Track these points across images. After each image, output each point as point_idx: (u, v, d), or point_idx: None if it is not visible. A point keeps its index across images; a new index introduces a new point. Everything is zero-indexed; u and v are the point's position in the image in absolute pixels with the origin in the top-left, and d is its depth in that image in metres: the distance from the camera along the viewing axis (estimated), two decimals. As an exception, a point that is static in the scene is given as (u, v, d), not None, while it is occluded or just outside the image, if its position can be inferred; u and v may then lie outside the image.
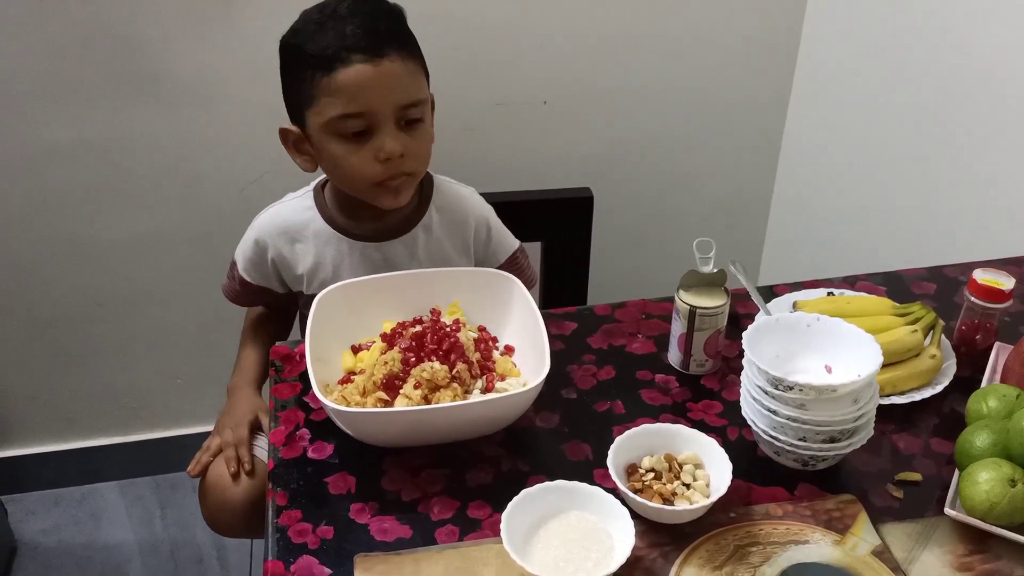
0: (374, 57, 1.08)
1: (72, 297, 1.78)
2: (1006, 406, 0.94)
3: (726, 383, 1.09)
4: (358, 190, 1.17)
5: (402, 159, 1.12)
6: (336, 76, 1.08)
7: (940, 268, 1.31)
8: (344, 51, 1.07)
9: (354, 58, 1.07)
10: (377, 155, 1.11)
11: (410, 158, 1.14)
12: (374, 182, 1.14)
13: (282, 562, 0.85)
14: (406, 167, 1.14)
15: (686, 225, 2.01)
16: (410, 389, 0.96)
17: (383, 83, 1.09)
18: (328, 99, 1.09)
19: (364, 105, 1.09)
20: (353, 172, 1.13)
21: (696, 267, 1.08)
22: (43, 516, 1.91)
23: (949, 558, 0.87)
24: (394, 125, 1.11)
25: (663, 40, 1.81)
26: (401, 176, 1.15)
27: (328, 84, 1.09)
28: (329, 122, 1.11)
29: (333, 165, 1.15)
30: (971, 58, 1.47)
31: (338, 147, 1.12)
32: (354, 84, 1.08)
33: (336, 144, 1.12)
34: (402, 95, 1.11)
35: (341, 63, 1.07)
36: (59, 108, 1.60)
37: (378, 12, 1.12)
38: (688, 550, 0.87)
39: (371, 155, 1.11)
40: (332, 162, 1.15)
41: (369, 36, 1.08)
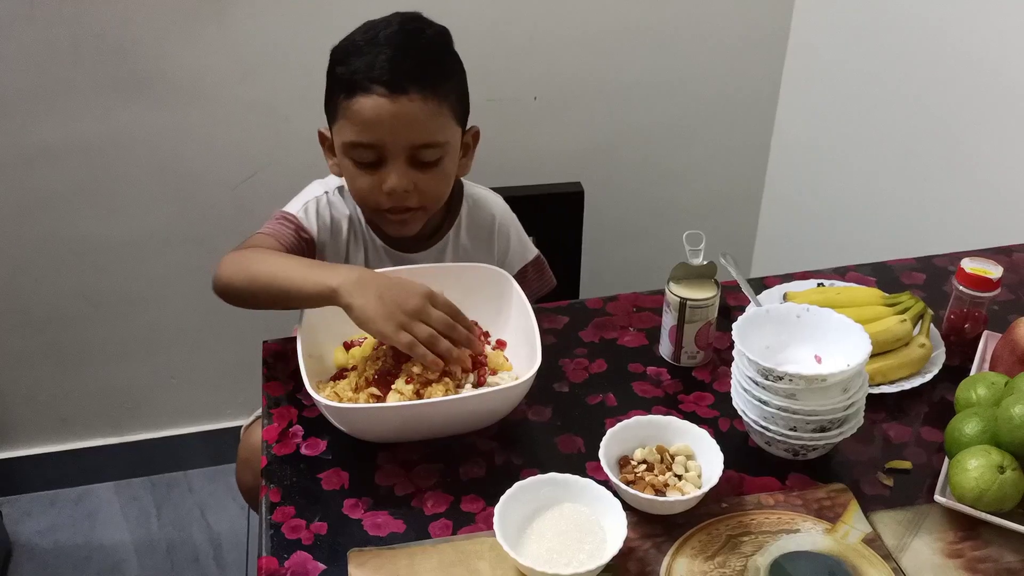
0: (393, 93, 1.07)
1: (66, 298, 1.78)
2: (995, 394, 0.95)
3: (717, 374, 1.10)
4: (365, 210, 1.19)
5: (407, 194, 1.12)
6: (354, 103, 1.09)
7: (929, 258, 1.32)
8: (368, 80, 1.07)
9: (375, 89, 1.07)
10: (382, 187, 1.12)
11: (418, 195, 1.13)
12: (378, 209, 1.15)
13: (276, 558, 0.86)
14: (411, 202, 1.14)
15: (677, 218, 2.01)
16: (402, 384, 0.96)
17: (397, 120, 1.08)
18: (345, 123, 1.11)
19: (375, 138, 1.10)
20: (361, 196, 1.15)
21: (686, 259, 1.09)
22: (39, 517, 1.91)
23: (939, 545, 0.87)
24: (404, 161, 1.11)
25: (653, 35, 1.82)
26: (406, 211, 1.15)
27: (347, 108, 1.10)
28: (342, 145, 1.13)
29: (347, 181, 1.17)
30: (958, 50, 1.47)
31: (351, 169, 1.14)
32: (369, 115, 1.08)
33: (348, 165, 1.14)
34: (416, 135, 1.10)
35: (362, 91, 1.08)
36: (51, 109, 1.59)
37: (413, 46, 1.11)
38: (680, 540, 0.87)
39: (377, 184, 1.12)
40: (347, 179, 1.17)
41: (394, 71, 1.07)
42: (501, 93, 1.79)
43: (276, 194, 1.74)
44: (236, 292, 1.09)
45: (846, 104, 1.77)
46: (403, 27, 1.11)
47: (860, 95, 1.72)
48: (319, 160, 1.73)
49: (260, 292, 1.05)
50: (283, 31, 1.62)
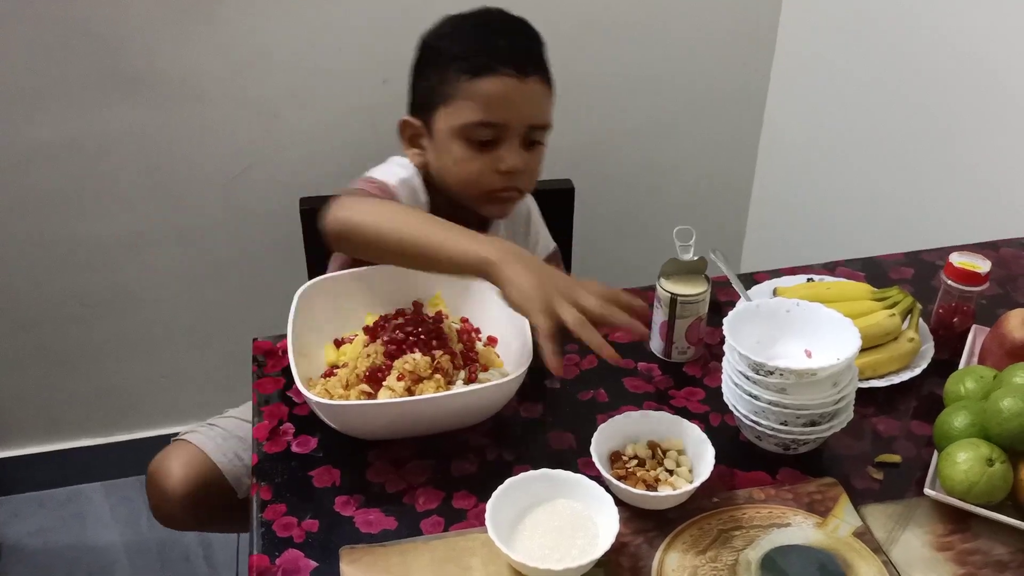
0: (521, 74, 1.11)
1: (56, 297, 1.77)
2: (983, 387, 0.95)
3: (708, 370, 1.10)
4: (469, 195, 1.18)
5: (518, 175, 1.15)
6: (481, 83, 1.10)
7: (917, 253, 1.32)
8: (495, 61, 1.10)
9: (503, 70, 1.10)
10: (497, 166, 1.13)
11: (525, 176, 1.17)
12: (488, 190, 1.16)
13: (267, 556, 0.85)
14: (520, 183, 1.17)
15: (667, 214, 2.02)
16: (393, 381, 0.96)
17: (524, 100, 1.12)
18: (466, 103, 1.11)
19: (501, 117, 1.12)
20: (471, 178, 1.15)
21: (676, 255, 1.09)
22: (29, 518, 1.90)
23: (929, 538, 0.88)
24: (519, 142, 1.14)
25: (642, 31, 1.82)
26: (513, 190, 1.17)
27: (470, 88, 1.11)
28: (462, 126, 1.12)
29: (452, 166, 1.16)
30: (947, 46, 1.48)
31: (462, 151, 1.14)
32: (497, 95, 1.11)
33: (460, 147, 1.14)
34: (536, 116, 1.15)
35: (489, 71, 1.10)
36: (41, 107, 1.58)
37: (529, 35, 1.16)
38: (672, 535, 0.87)
39: (491, 165, 1.14)
40: (451, 163, 1.15)
41: (521, 54, 1.13)
42: (490, 90, 1.78)
43: (267, 191, 1.75)
44: (363, 238, 1.01)
45: (835, 100, 1.77)
46: (509, 16, 1.16)
47: (849, 91, 1.73)
48: (310, 156, 1.74)
49: (396, 245, 0.98)
50: (274, 29, 1.61)
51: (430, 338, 1.01)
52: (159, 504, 1.27)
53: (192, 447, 1.27)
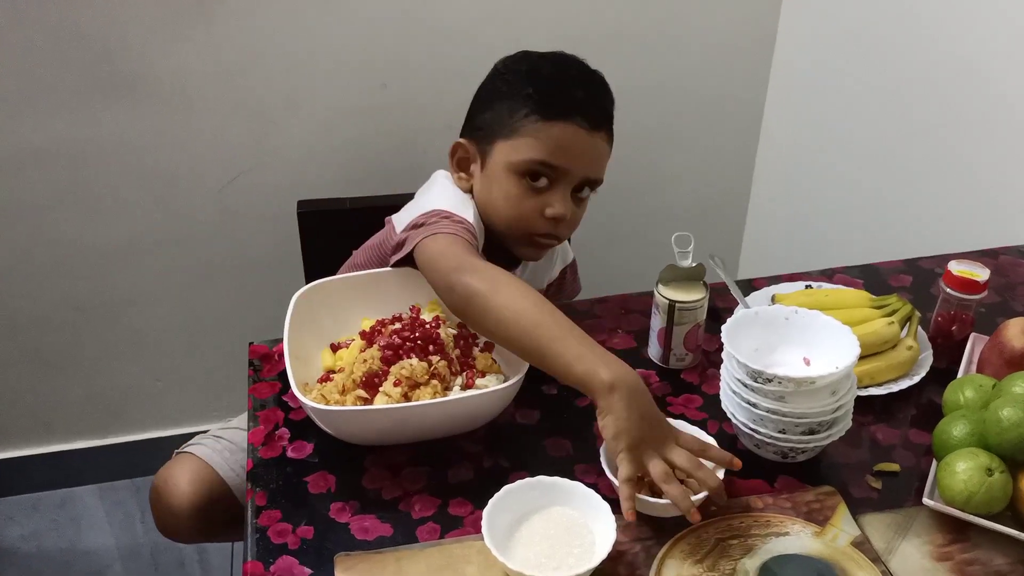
0: (592, 128, 1.13)
1: (50, 301, 1.76)
2: (982, 396, 0.95)
3: (706, 377, 1.10)
4: (510, 232, 1.17)
5: (563, 223, 1.16)
6: (553, 125, 1.11)
7: (916, 260, 1.32)
8: (571, 109, 1.12)
9: (576, 119, 1.12)
10: (545, 211, 1.14)
11: (567, 226, 1.18)
12: (530, 232, 1.16)
13: (261, 563, 0.85)
14: (560, 232, 1.18)
15: (665, 220, 2.01)
16: (390, 387, 0.95)
17: (587, 152, 1.14)
18: (532, 141, 1.12)
19: (563, 162, 1.12)
20: (517, 216, 1.15)
21: (675, 261, 1.08)
22: (22, 521, 1.89)
23: (928, 548, 0.87)
24: (570, 191, 1.15)
25: (641, 38, 1.82)
26: (553, 238, 1.18)
27: (539, 129, 1.11)
28: (520, 162, 1.13)
29: (500, 200, 1.15)
30: (945, 53, 1.48)
31: (514, 187, 1.14)
32: (565, 142, 1.12)
33: (513, 184, 1.14)
34: (593, 170, 1.16)
35: (563, 117, 1.11)
36: (34, 111, 1.58)
37: (605, 92, 1.18)
38: (670, 544, 0.87)
39: (539, 208, 1.14)
40: (501, 198, 1.15)
41: (596, 108, 1.15)
42: (489, 95, 1.78)
43: (263, 195, 1.74)
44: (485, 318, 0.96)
45: (832, 107, 1.77)
46: (588, 68, 1.18)
47: (847, 98, 1.72)
48: (306, 160, 1.74)
49: (517, 338, 0.93)
50: (268, 34, 1.61)
51: (427, 343, 1.00)
52: (165, 518, 1.25)
53: (199, 461, 1.25)
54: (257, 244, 1.79)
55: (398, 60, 1.68)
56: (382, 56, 1.67)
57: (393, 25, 1.65)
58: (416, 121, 1.74)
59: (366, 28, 1.64)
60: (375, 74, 1.68)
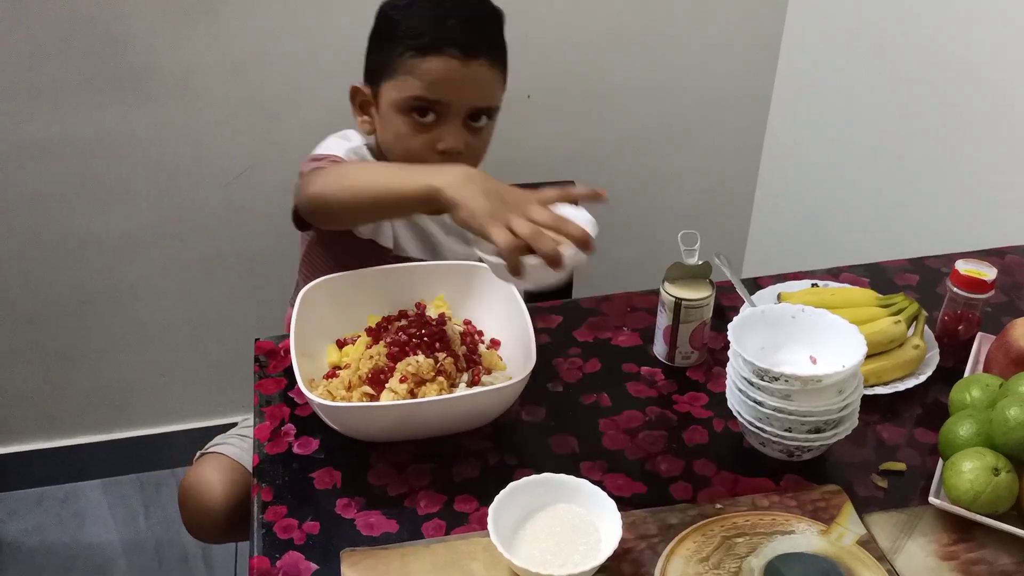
0: (466, 56, 1.11)
1: (56, 295, 1.76)
2: (989, 396, 0.95)
3: (711, 375, 1.10)
4: None
5: (458, 156, 1.15)
6: (425, 61, 1.11)
7: (922, 259, 1.32)
8: (440, 41, 1.10)
9: (447, 51, 1.10)
10: (437, 145, 1.14)
11: (465, 156, 1.16)
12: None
13: (268, 558, 0.85)
14: (459, 163, 1.15)
15: (670, 218, 2.01)
16: (396, 383, 0.96)
17: (466, 82, 1.12)
18: (410, 79, 1.12)
19: (442, 96, 1.12)
20: (410, 153, 1.16)
21: (681, 259, 1.08)
22: (26, 515, 1.89)
23: (934, 547, 0.87)
24: (461, 122, 1.14)
25: (647, 35, 1.82)
26: None
27: (415, 65, 1.11)
28: (403, 100, 1.13)
29: (393, 140, 1.17)
30: (951, 52, 1.47)
31: (403, 125, 1.15)
32: (439, 74, 1.11)
33: (402, 122, 1.14)
34: (479, 99, 1.14)
35: (434, 51, 1.10)
36: (41, 104, 1.58)
37: (482, 13, 1.16)
38: (675, 541, 0.87)
39: (431, 143, 1.14)
40: (393, 137, 1.17)
41: (468, 34, 1.12)
42: (494, 91, 1.78)
43: (266, 192, 1.74)
44: (331, 205, 1.03)
45: (838, 106, 1.77)
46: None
47: (853, 97, 1.72)
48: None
49: (357, 202, 0.99)
50: (274, 29, 1.61)
51: (433, 340, 1.00)
52: (199, 519, 1.23)
53: (229, 460, 1.24)
54: (262, 239, 1.79)
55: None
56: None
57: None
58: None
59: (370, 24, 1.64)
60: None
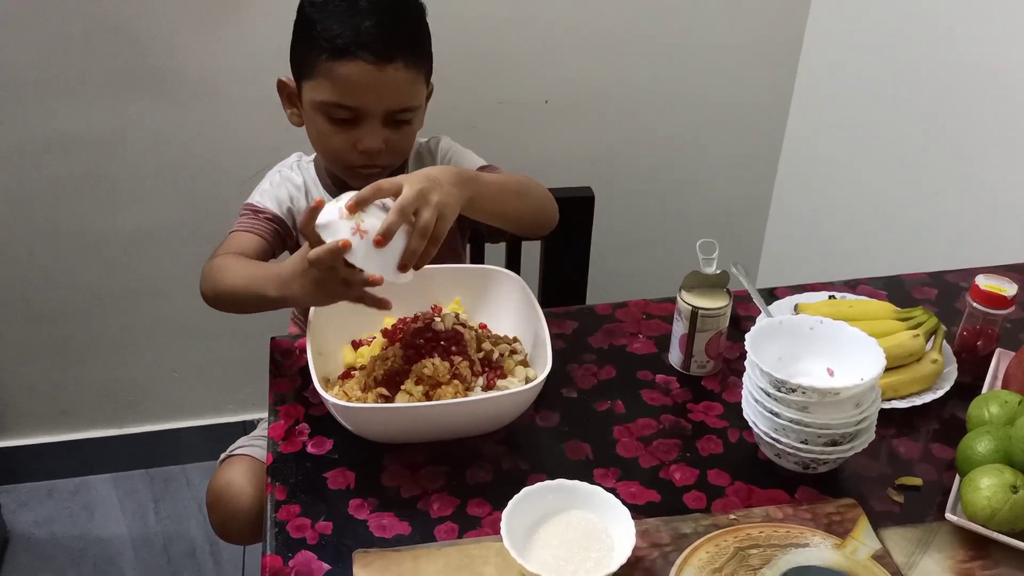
0: (380, 61, 1.09)
1: (71, 290, 1.77)
2: (1008, 412, 0.94)
3: (727, 384, 1.09)
4: (333, 165, 1.22)
5: (379, 154, 1.15)
6: (339, 66, 1.10)
7: (941, 273, 1.31)
8: (354, 45, 1.08)
9: (361, 55, 1.09)
10: (356, 145, 1.14)
11: (388, 154, 1.17)
12: (349, 165, 1.18)
13: (280, 557, 0.85)
14: (382, 161, 1.17)
15: (685, 226, 2.01)
16: (411, 385, 0.96)
17: (382, 87, 1.11)
18: (325, 82, 1.11)
19: (357, 101, 1.12)
20: (332, 152, 1.18)
21: (698, 268, 1.08)
22: (36, 507, 1.90)
23: (949, 563, 0.86)
24: (380, 122, 1.14)
25: (666, 41, 1.81)
26: (374, 167, 1.17)
27: (329, 69, 1.10)
28: (320, 103, 1.13)
29: (316, 137, 1.18)
30: (974, 63, 1.47)
31: (323, 125, 1.15)
32: (353, 80, 1.10)
33: (323, 122, 1.15)
34: (396, 101, 1.13)
35: (347, 56, 1.09)
36: (61, 101, 1.59)
37: (398, 13, 1.13)
38: (688, 551, 0.86)
39: (351, 143, 1.14)
40: (315, 135, 1.18)
41: (382, 39, 1.09)
42: (512, 96, 1.78)
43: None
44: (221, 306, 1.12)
45: (858, 116, 1.76)
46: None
47: (872, 106, 1.71)
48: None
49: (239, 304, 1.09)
50: (296, 27, 1.61)
51: (449, 344, 1.00)
52: (228, 522, 1.23)
53: (257, 463, 1.25)
54: (278, 238, 1.79)
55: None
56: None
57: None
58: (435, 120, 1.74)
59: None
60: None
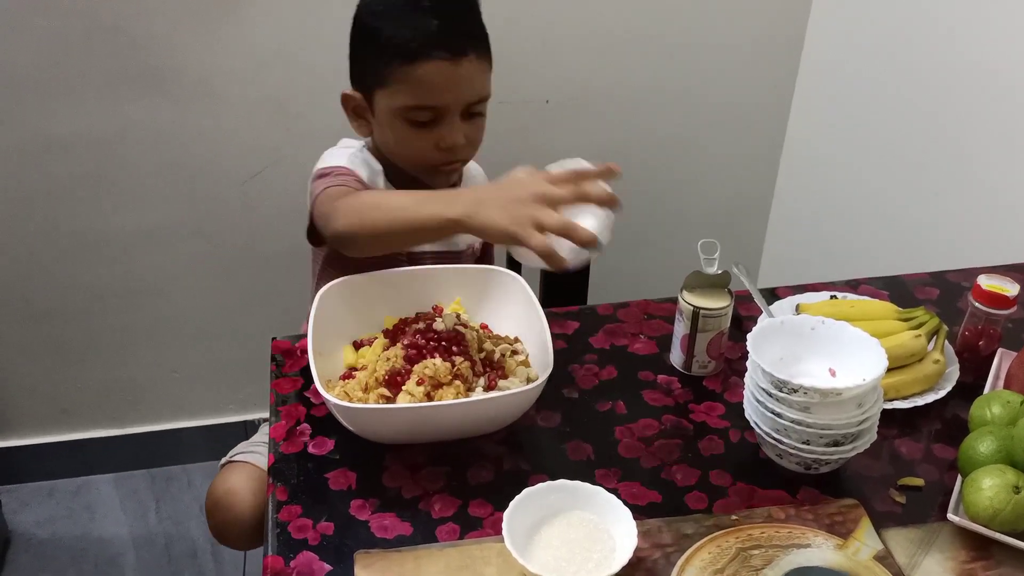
0: (455, 56, 1.11)
1: (71, 290, 1.77)
2: (1010, 412, 0.94)
3: (728, 385, 1.09)
4: (414, 168, 1.20)
5: (461, 148, 1.17)
6: (415, 68, 1.10)
7: (943, 273, 1.31)
8: (427, 46, 1.10)
9: (435, 54, 1.10)
10: (439, 143, 1.15)
11: (467, 147, 1.18)
12: (431, 164, 1.18)
13: (282, 558, 0.85)
14: (462, 155, 1.19)
15: (686, 226, 2.01)
16: (413, 386, 0.95)
17: (460, 82, 1.12)
18: (403, 87, 1.12)
19: (437, 100, 1.12)
20: (413, 155, 1.18)
21: (700, 268, 1.08)
22: (37, 507, 1.90)
23: (951, 564, 0.86)
24: (459, 117, 1.15)
25: (667, 41, 1.81)
26: (456, 162, 1.19)
27: (405, 74, 1.11)
28: (398, 109, 1.14)
29: (394, 144, 1.18)
30: (975, 63, 1.46)
31: (403, 130, 1.15)
32: (432, 80, 1.11)
33: (401, 127, 1.15)
34: (473, 93, 1.15)
35: (422, 57, 1.10)
36: (62, 101, 1.59)
37: (461, 8, 1.15)
38: (690, 552, 0.86)
39: (433, 142, 1.15)
40: (393, 142, 1.18)
41: (453, 34, 1.11)
42: (513, 96, 1.78)
43: (284, 191, 1.75)
44: (357, 241, 1.02)
45: (859, 115, 1.76)
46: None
47: (874, 106, 1.71)
48: (330, 158, 1.73)
49: (381, 238, 1.00)
50: (296, 29, 1.61)
51: (451, 344, 1.00)
52: (228, 528, 1.24)
53: (257, 469, 1.25)
54: (279, 239, 1.79)
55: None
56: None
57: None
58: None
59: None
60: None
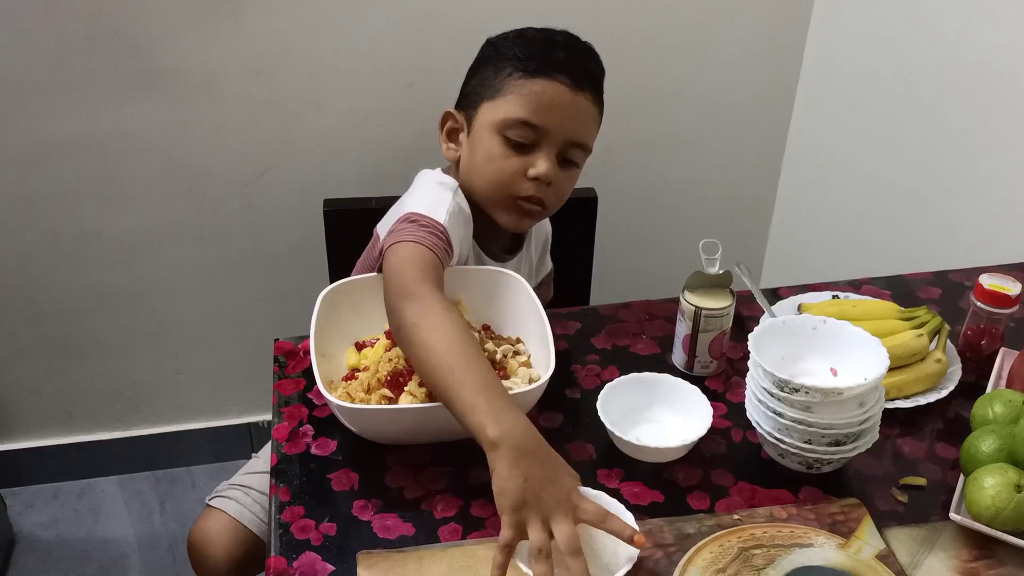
0: (575, 86, 1.12)
1: (74, 291, 1.77)
2: (1012, 411, 0.94)
3: (730, 384, 1.09)
4: (493, 196, 1.15)
5: (547, 187, 1.14)
6: (534, 83, 1.11)
7: (945, 273, 1.31)
8: (552, 66, 1.12)
9: (558, 77, 1.11)
10: (528, 171, 1.13)
11: (553, 191, 1.15)
12: (512, 195, 1.14)
13: (285, 558, 0.85)
14: (546, 197, 1.16)
15: (688, 226, 2.01)
16: (415, 386, 0.96)
17: (570, 111, 1.12)
18: (514, 98, 1.12)
19: (543, 120, 1.11)
20: (500, 176, 1.13)
21: (701, 268, 1.08)
22: (42, 509, 1.91)
23: (954, 563, 0.86)
24: (555, 153, 1.14)
25: (668, 41, 1.81)
26: (537, 203, 1.15)
27: (522, 85, 1.12)
28: (503, 121, 1.12)
29: (483, 162, 1.14)
30: (977, 62, 1.46)
31: (497, 147, 1.13)
32: (547, 98, 1.11)
33: (497, 143, 1.13)
34: (578, 131, 1.14)
35: (544, 74, 1.11)
36: (64, 103, 1.59)
37: (590, 54, 1.19)
38: (692, 551, 0.86)
39: (522, 169, 1.13)
40: (484, 159, 1.14)
41: (578, 68, 1.14)
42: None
43: (286, 193, 1.75)
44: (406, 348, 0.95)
45: (861, 115, 1.76)
46: (574, 36, 1.19)
47: (876, 106, 1.71)
48: (332, 158, 1.74)
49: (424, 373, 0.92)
50: (297, 31, 1.61)
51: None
52: (204, 573, 1.27)
53: (233, 521, 1.25)
54: (281, 241, 1.79)
55: (425, 59, 1.68)
56: (409, 55, 1.67)
57: (420, 24, 1.65)
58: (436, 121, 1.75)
59: (393, 27, 1.65)
60: (402, 73, 1.69)
